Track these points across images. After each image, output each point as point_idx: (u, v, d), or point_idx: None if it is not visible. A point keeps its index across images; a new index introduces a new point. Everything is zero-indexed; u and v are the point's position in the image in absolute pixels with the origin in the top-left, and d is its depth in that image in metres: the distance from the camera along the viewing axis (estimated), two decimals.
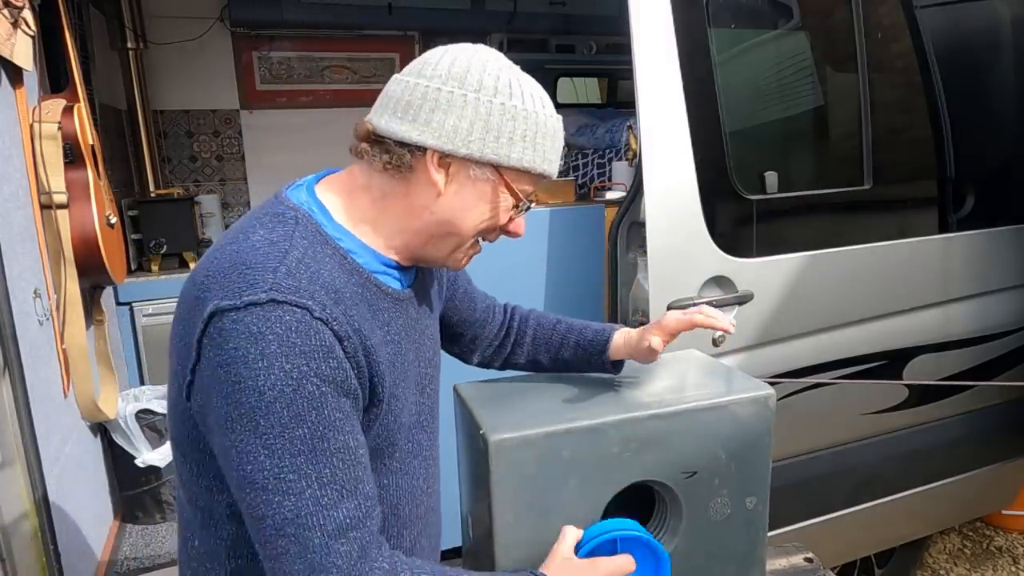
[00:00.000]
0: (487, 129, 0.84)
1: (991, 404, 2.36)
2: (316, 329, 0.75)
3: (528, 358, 1.25)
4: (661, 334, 1.14)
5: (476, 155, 0.84)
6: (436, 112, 0.82)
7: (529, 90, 0.87)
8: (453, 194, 0.87)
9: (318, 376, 0.75)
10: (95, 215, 2.12)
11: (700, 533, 1.15)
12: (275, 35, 4.07)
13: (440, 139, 0.83)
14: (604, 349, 1.19)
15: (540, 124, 0.87)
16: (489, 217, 0.89)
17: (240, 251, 0.79)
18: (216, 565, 0.88)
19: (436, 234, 0.89)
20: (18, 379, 1.58)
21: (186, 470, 0.87)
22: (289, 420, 0.73)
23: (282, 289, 0.75)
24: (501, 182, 0.87)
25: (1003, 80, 2.25)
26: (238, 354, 0.73)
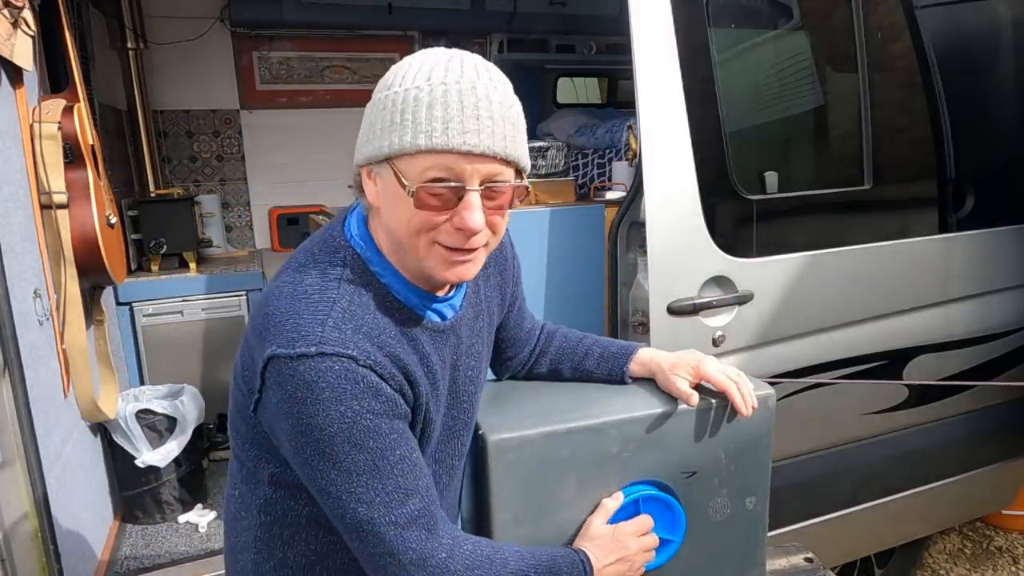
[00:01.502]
0: (370, 128, 0.87)
1: (991, 404, 2.35)
2: (363, 375, 0.83)
3: (551, 366, 1.26)
4: (692, 377, 1.14)
5: (369, 158, 0.87)
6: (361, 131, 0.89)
7: (418, 71, 0.84)
8: (382, 202, 0.89)
9: (370, 412, 0.84)
10: (95, 215, 2.12)
11: (700, 533, 1.14)
12: (275, 35, 4.06)
13: (357, 156, 0.90)
14: (626, 362, 1.20)
15: (407, 101, 0.82)
16: (409, 216, 0.85)
17: (294, 296, 0.87)
18: (250, 515, 0.99)
19: (397, 246, 0.90)
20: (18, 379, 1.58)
21: (238, 442, 0.98)
22: (350, 449, 0.83)
23: (329, 342, 0.82)
24: (392, 173, 0.84)
25: (1003, 80, 2.25)
26: (296, 396, 0.82)
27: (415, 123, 0.82)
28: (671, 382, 1.15)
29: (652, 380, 1.22)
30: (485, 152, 0.82)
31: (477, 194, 0.84)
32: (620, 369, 1.21)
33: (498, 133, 0.83)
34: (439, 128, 0.81)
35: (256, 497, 0.97)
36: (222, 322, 3.12)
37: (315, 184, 4.22)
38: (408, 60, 0.88)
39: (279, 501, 0.95)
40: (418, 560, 0.87)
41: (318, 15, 3.81)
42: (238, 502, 1.00)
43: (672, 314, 1.78)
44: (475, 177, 0.83)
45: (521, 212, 2.21)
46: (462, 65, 0.84)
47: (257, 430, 0.92)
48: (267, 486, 0.96)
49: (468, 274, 0.90)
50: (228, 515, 1.04)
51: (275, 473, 0.94)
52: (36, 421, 1.66)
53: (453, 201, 0.84)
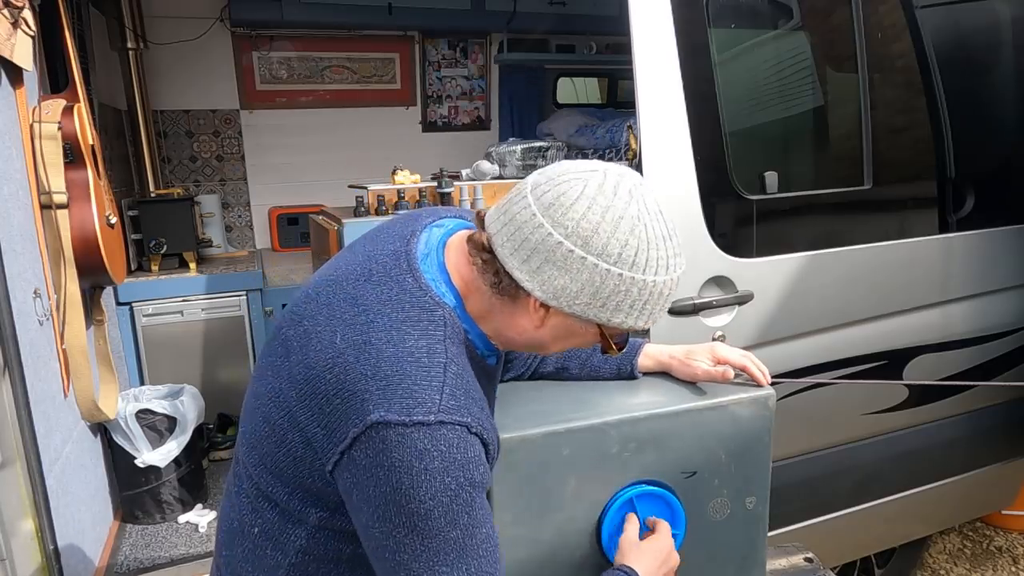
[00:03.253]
0: (595, 296, 0.84)
1: (991, 404, 2.35)
2: (472, 443, 0.83)
3: (558, 364, 1.25)
4: (710, 360, 1.18)
5: (579, 314, 0.85)
6: (549, 265, 0.82)
7: (657, 254, 0.84)
8: (551, 327, 0.90)
9: (471, 484, 0.82)
10: (95, 215, 2.12)
11: (700, 533, 1.14)
12: (275, 35, 4.07)
13: (546, 293, 0.84)
14: (634, 356, 1.21)
15: (654, 293, 0.85)
16: (572, 343, 0.95)
17: (400, 358, 0.82)
18: (280, 552, 0.94)
19: (529, 347, 0.97)
20: (18, 379, 1.58)
21: (278, 484, 0.92)
22: (445, 524, 0.81)
23: (448, 410, 0.81)
24: (598, 331, 0.90)
25: (1003, 80, 2.25)
26: (402, 465, 0.79)
27: (651, 313, 0.87)
28: (693, 367, 1.18)
29: (656, 377, 1.23)
30: None
31: None
32: (629, 363, 1.21)
33: None
34: (658, 316, 0.89)
35: (294, 537, 0.93)
36: (222, 322, 3.12)
37: (315, 184, 4.22)
38: (632, 229, 0.82)
39: (322, 541, 0.92)
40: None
41: (318, 15, 3.82)
42: (261, 540, 0.95)
43: (672, 314, 1.78)
44: None
45: None
46: (676, 243, 0.87)
47: (317, 481, 0.88)
48: (311, 528, 0.92)
49: None
50: (237, 548, 0.98)
51: (324, 518, 0.91)
52: (36, 421, 1.66)
53: None
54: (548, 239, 0.81)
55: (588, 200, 0.81)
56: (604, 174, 0.83)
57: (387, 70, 4.33)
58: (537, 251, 0.82)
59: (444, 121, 4.62)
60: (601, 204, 0.81)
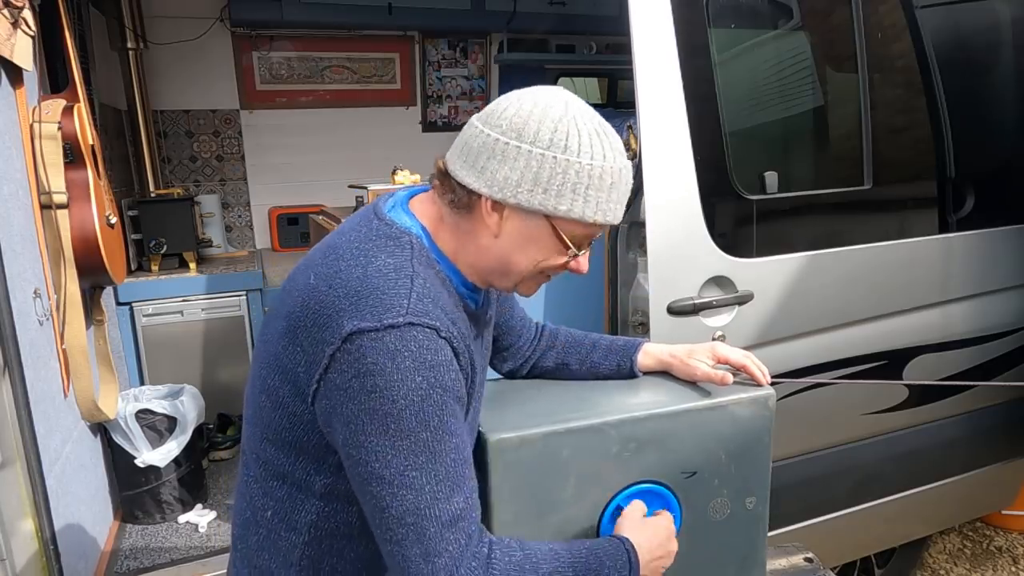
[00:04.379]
0: (536, 182, 0.88)
1: (991, 404, 2.35)
2: (441, 346, 0.86)
3: (558, 361, 1.26)
4: (711, 360, 1.19)
5: (524, 205, 0.89)
6: (491, 161, 0.89)
7: (589, 140, 0.89)
8: (507, 236, 0.93)
9: (441, 387, 0.85)
10: (95, 215, 2.12)
11: (700, 533, 1.15)
12: (275, 35, 4.07)
13: (492, 187, 0.89)
14: (634, 353, 1.23)
15: (593, 176, 0.89)
16: (542, 259, 0.94)
17: (368, 276, 0.88)
18: (294, 533, 0.96)
19: (498, 270, 0.96)
20: (18, 379, 1.58)
21: (282, 456, 0.95)
22: (416, 425, 0.84)
23: (417, 313, 0.85)
24: (551, 229, 0.92)
25: (1003, 80, 2.25)
26: (376, 368, 0.83)
27: (596, 201, 0.90)
28: (693, 368, 1.18)
29: (656, 376, 1.23)
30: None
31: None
32: (629, 360, 1.22)
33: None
34: (612, 209, 0.92)
35: (305, 513, 0.95)
36: (222, 322, 3.12)
37: (315, 184, 4.22)
38: (561, 118, 0.89)
39: (332, 514, 0.95)
40: (449, 566, 0.85)
41: (318, 15, 3.81)
42: (274, 522, 0.97)
43: (672, 314, 1.78)
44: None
45: None
46: (612, 140, 0.92)
47: (311, 435, 0.91)
48: (318, 499, 0.94)
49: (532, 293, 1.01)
50: (252, 537, 1.00)
51: (328, 483, 0.93)
52: (36, 421, 1.66)
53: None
54: (487, 139, 0.89)
55: (519, 103, 0.90)
56: (537, 88, 0.92)
57: (387, 70, 4.33)
58: (480, 153, 0.89)
59: (444, 121, 4.62)
60: (530, 102, 0.90)
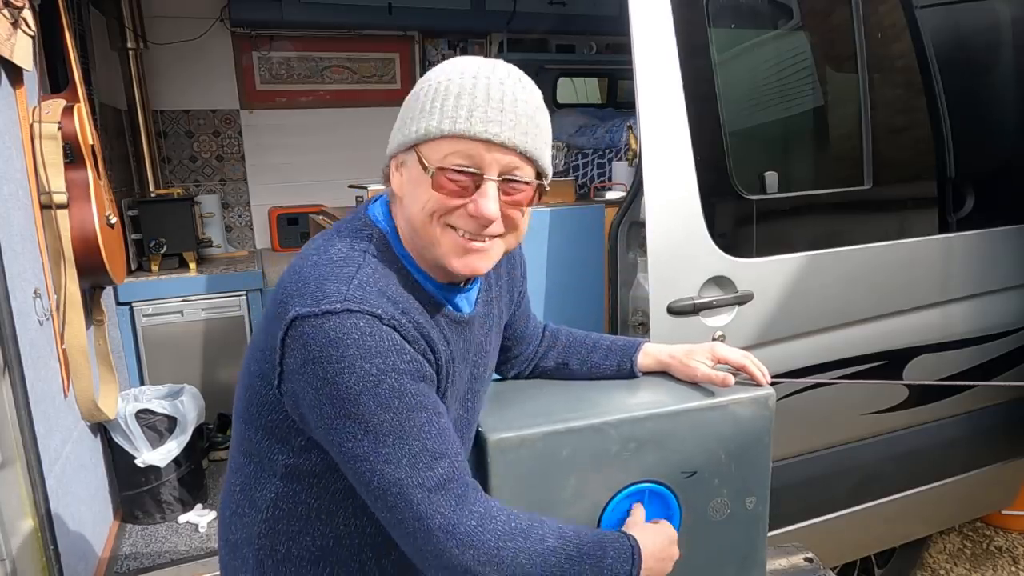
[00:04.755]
0: (401, 120, 0.92)
1: (991, 404, 2.35)
2: (387, 333, 0.85)
3: (558, 361, 1.26)
4: (710, 361, 1.19)
5: (396, 148, 0.92)
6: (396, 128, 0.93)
7: (442, 67, 0.90)
8: (404, 193, 0.93)
9: (394, 371, 0.84)
10: (95, 215, 2.12)
11: (700, 533, 1.15)
12: (275, 35, 4.07)
13: (388, 147, 0.94)
14: (634, 354, 1.23)
15: (439, 90, 0.87)
16: (426, 198, 0.88)
17: (319, 263, 0.89)
18: (255, 510, 0.98)
19: (413, 233, 0.93)
20: (18, 379, 1.58)
21: (249, 434, 0.98)
22: (376, 408, 0.84)
23: (355, 300, 0.84)
24: (417, 159, 0.89)
25: (1003, 80, 2.25)
26: (322, 355, 0.83)
27: (442, 110, 0.86)
28: (692, 369, 1.18)
29: (656, 376, 1.23)
30: (505, 143, 0.86)
31: (494, 184, 0.87)
32: (629, 361, 1.22)
33: (519, 128, 0.87)
34: (464, 115, 0.85)
35: (266, 491, 0.97)
36: (222, 322, 3.12)
37: (315, 184, 4.22)
38: (447, 61, 0.92)
39: (291, 494, 0.96)
40: (446, 526, 0.86)
41: (318, 15, 3.81)
42: (240, 497, 1.00)
43: (672, 314, 1.78)
44: (494, 167, 0.87)
45: None
46: (495, 66, 0.89)
47: (275, 415, 0.92)
48: (279, 479, 0.96)
49: (480, 267, 0.92)
50: (226, 512, 1.04)
51: (290, 464, 0.94)
52: (36, 421, 1.66)
53: (471, 188, 0.87)
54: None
55: (436, 66, 0.92)
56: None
57: (387, 70, 4.33)
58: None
59: None
60: (443, 63, 0.91)
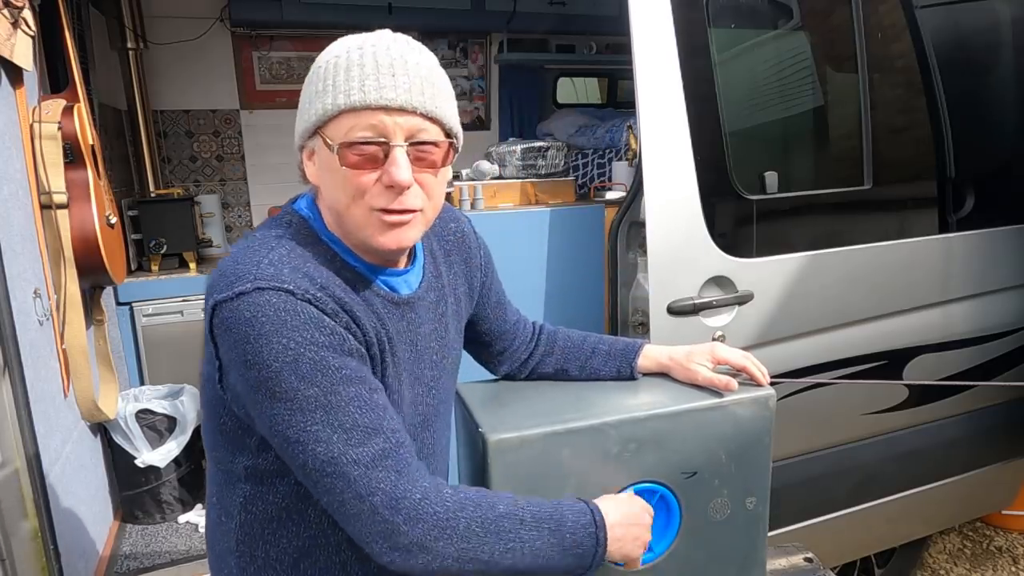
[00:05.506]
0: (299, 110, 0.90)
1: (991, 404, 2.35)
2: (301, 307, 0.83)
3: (557, 367, 1.25)
4: (710, 363, 1.18)
5: (302, 134, 0.90)
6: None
7: (338, 45, 0.88)
8: (321, 178, 0.91)
9: (313, 344, 0.82)
10: (95, 215, 2.12)
11: (700, 533, 1.14)
12: (275, 35, 4.06)
13: (295, 140, 0.92)
14: (634, 358, 1.22)
15: (328, 69, 0.86)
16: (340, 179, 0.87)
17: (235, 252, 0.89)
18: (230, 518, 0.98)
19: (339, 219, 0.92)
20: (18, 379, 1.58)
21: (212, 442, 0.98)
22: (298, 383, 0.82)
23: (265, 278, 0.83)
24: (323, 142, 0.87)
25: (1003, 80, 2.25)
26: (240, 337, 0.82)
27: (335, 87, 0.84)
28: (693, 371, 1.18)
29: (656, 377, 1.23)
30: (404, 106, 0.84)
31: (402, 150, 0.85)
32: (629, 365, 1.22)
33: (415, 89, 0.85)
34: (356, 87, 0.84)
35: (235, 496, 0.96)
36: None
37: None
38: (334, 42, 0.90)
39: (257, 497, 0.95)
40: (389, 502, 0.83)
41: (318, 15, 3.81)
42: (218, 507, 1.00)
43: (672, 314, 1.78)
44: (398, 133, 0.85)
45: (521, 212, 2.21)
46: (380, 35, 0.89)
47: (227, 417, 0.92)
48: (244, 483, 0.95)
49: (405, 239, 0.90)
50: (209, 522, 1.04)
51: (249, 466, 0.94)
52: (36, 421, 1.66)
53: (380, 160, 0.85)
54: None
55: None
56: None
57: None
58: None
59: None
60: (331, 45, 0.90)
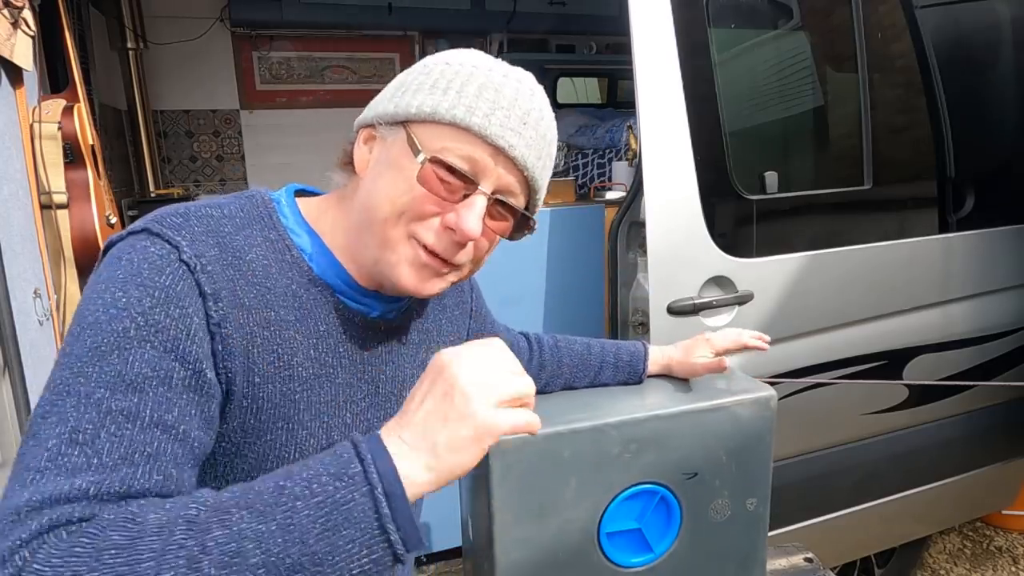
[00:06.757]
0: (398, 88, 0.76)
1: (991, 404, 2.35)
2: (174, 270, 0.65)
3: (565, 385, 1.25)
4: (711, 352, 1.20)
5: (384, 114, 0.75)
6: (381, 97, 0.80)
7: (476, 55, 0.77)
8: (371, 168, 0.77)
9: (143, 316, 0.62)
10: (95, 215, 2.12)
11: (701, 534, 1.15)
12: (275, 35, 4.07)
13: (366, 113, 0.79)
14: (642, 369, 1.24)
15: (459, 72, 0.74)
16: (402, 189, 0.72)
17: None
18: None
19: (361, 224, 0.76)
20: (18, 379, 1.58)
21: None
22: (86, 352, 0.61)
23: (163, 222, 0.67)
24: (406, 137, 0.73)
25: (1003, 80, 2.25)
26: (93, 280, 0.66)
27: (459, 95, 0.72)
28: (693, 365, 1.21)
29: (657, 378, 1.25)
30: (517, 159, 0.73)
31: (485, 199, 0.73)
32: (637, 376, 1.24)
33: (535, 148, 0.75)
34: (484, 110, 0.71)
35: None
36: None
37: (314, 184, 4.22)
38: (462, 50, 0.79)
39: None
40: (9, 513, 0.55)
41: (318, 15, 3.82)
42: None
43: (672, 314, 1.78)
44: (492, 181, 0.73)
45: None
46: (524, 75, 0.79)
47: None
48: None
49: (427, 288, 0.77)
50: None
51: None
52: None
53: (458, 196, 0.73)
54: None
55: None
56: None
57: (387, 70, 4.33)
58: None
59: None
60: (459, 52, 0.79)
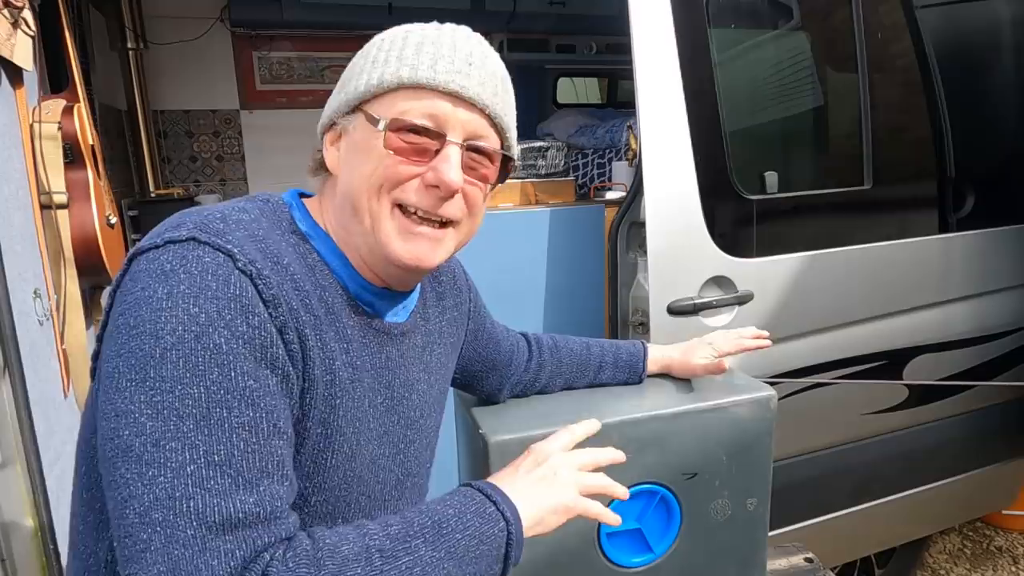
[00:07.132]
0: (341, 85, 0.77)
1: (991, 404, 2.35)
2: (237, 279, 0.63)
3: (565, 385, 1.24)
4: (712, 353, 1.21)
5: (336, 107, 0.77)
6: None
7: (398, 27, 0.78)
8: (343, 163, 0.77)
9: (229, 329, 0.61)
10: (95, 215, 2.12)
11: (701, 534, 1.14)
12: (275, 35, 4.07)
13: (322, 118, 0.80)
14: (641, 369, 1.24)
15: (395, 41, 0.74)
16: (374, 165, 0.72)
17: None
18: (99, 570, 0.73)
19: (347, 213, 0.76)
20: (18, 379, 1.58)
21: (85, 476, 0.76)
22: (184, 373, 0.59)
23: (208, 230, 0.65)
24: (365, 119, 0.74)
25: (1003, 80, 2.25)
26: (144, 295, 0.61)
27: (400, 59, 0.72)
28: (693, 366, 1.21)
29: (657, 378, 1.25)
30: (474, 99, 0.72)
31: (458, 148, 0.73)
32: (637, 376, 1.24)
33: (488, 85, 0.74)
34: (427, 63, 0.71)
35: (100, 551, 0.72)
36: None
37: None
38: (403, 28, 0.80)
39: None
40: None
41: (318, 15, 3.81)
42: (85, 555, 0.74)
43: (672, 314, 1.78)
44: (458, 130, 0.73)
45: (521, 212, 2.20)
46: (456, 25, 0.79)
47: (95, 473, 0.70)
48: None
49: (427, 257, 0.75)
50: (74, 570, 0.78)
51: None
52: (36, 421, 1.65)
53: (430, 154, 0.72)
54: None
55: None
56: None
57: None
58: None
59: None
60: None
